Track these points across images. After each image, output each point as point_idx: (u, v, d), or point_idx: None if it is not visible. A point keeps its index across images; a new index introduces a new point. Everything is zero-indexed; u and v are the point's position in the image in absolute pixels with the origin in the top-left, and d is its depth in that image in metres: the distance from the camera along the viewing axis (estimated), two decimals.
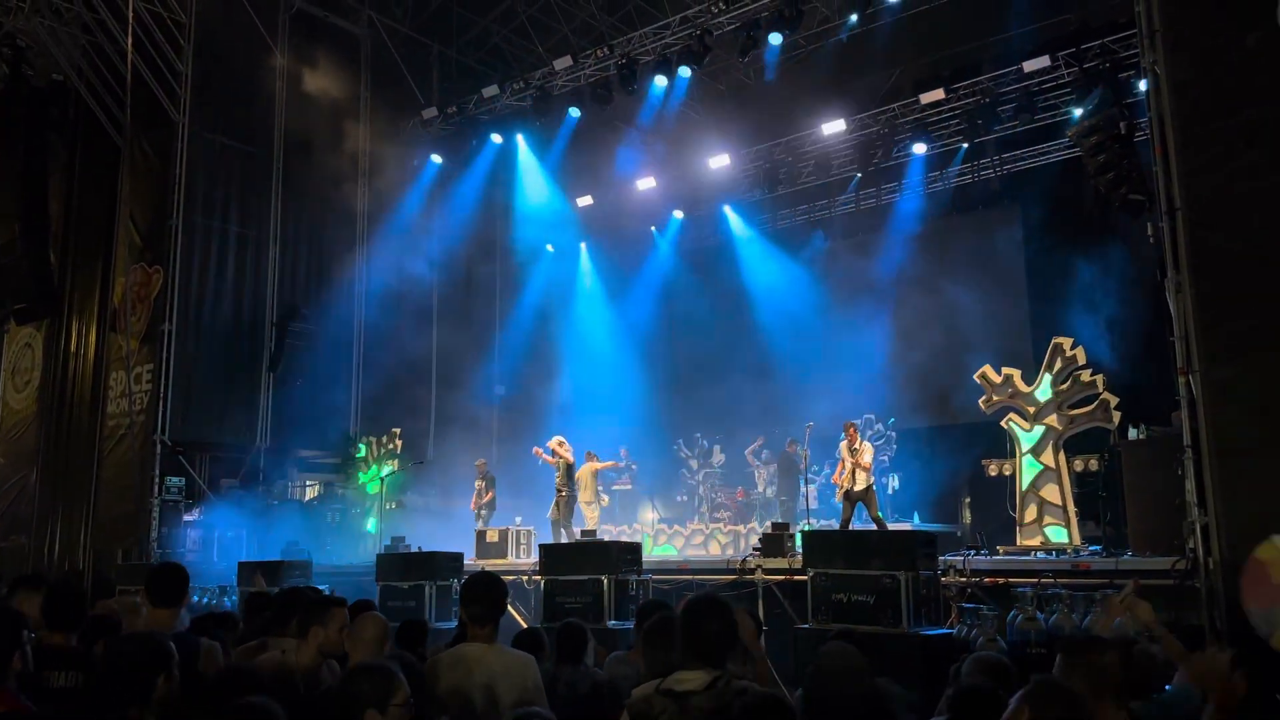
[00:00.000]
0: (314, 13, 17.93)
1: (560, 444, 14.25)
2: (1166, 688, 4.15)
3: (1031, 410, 11.13)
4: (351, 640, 4.18)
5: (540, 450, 14.48)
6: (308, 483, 18.05)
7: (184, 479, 15.33)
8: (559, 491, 14.10)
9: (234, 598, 11.99)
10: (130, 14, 15.35)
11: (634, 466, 17.42)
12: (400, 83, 18.83)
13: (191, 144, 16.03)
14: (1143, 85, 10.67)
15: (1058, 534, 10.79)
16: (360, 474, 17.09)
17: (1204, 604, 7.96)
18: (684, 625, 3.36)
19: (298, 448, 17.48)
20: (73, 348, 17.47)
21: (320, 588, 7.20)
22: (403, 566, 10.79)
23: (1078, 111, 13.32)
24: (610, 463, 16.02)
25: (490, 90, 17.46)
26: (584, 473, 15.12)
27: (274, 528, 14.72)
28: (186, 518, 15.33)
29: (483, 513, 15.42)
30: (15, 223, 17.18)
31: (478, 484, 15.68)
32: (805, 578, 8.75)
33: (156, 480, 15.01)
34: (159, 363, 15.40)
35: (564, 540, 13.31)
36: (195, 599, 12.75)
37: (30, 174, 17.45)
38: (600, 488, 15.75)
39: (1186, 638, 7.66)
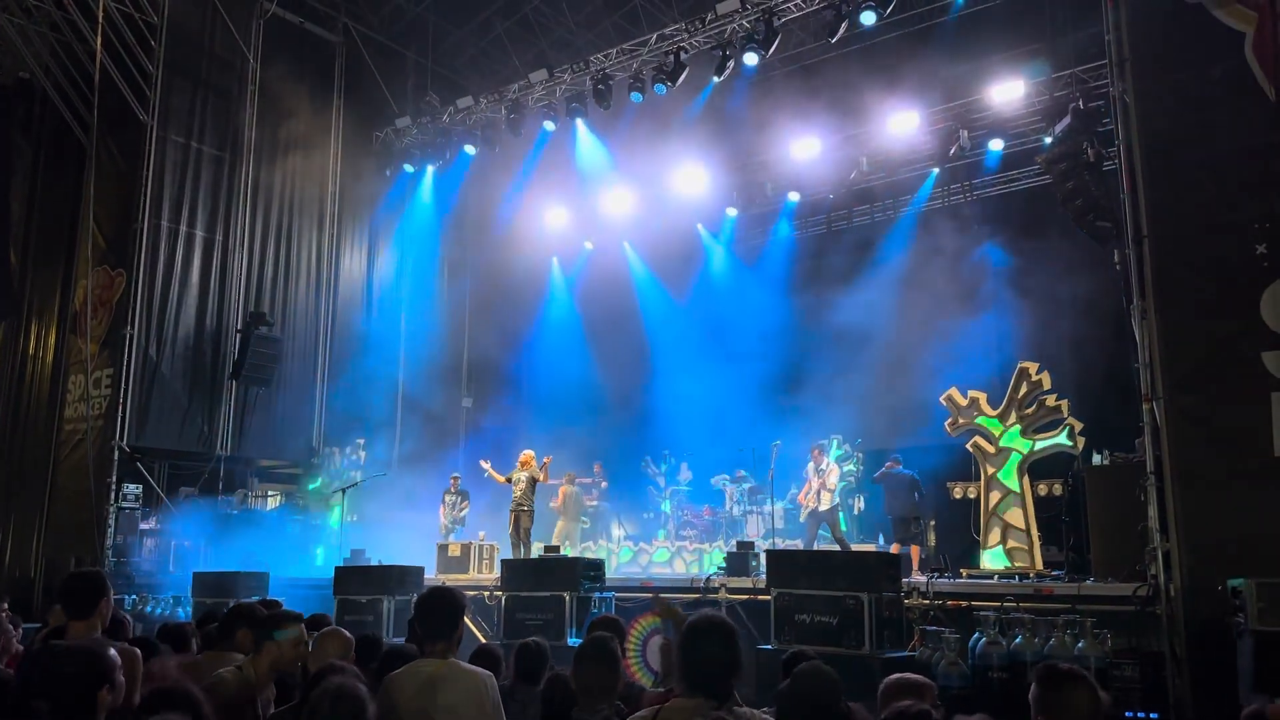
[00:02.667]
0: (288, 18, 17.79)
1: (528, 461, 14.10)
2: (1154, 716, 4.09)
3: (997, 434, 11.18)
4: (315, 657, 4.08)
5: (489, 465, 14.33)
6: (268, 493, 17.80)
7: (142, 486, 15.06)
8: (521, 506, 13.94)
9: (188, 608, 11.78)
10: (100, 13, 15.17)
11: (604, 483, 17.34)
12: (374, 91, 18.73)
13: (159, 147, 15.83)
14: (1112, 114, 10.83)
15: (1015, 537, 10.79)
16: (321, 484, 16.86)
17: (1164, 630, 7.98)
18: (683, 650, 3.22)
19: (259, 457, 17.23)
20: (31, 350, 17.13)
21: (276, 600, 7.06)
22: (361, 580, 10.61)
23: (1047, 139, 13.46)
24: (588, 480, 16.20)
25: (465, 101, 17.42)
26: (568, 494, 15.14)
27: (232, 538, 14.44)
28: (143, 526, 15.05)
29: (455, 528, 15.29)
30: None
31: (448, 498, 15.52)
32: (769, 597, 8.69)
33: (113, 487, 14.71)
34: (119, 367, 15.13)
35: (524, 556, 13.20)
36: (149, 609, 12.56)
37: None
38: (581, 509, 15.82)
39: (1147, 664, 7.72)
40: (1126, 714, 7.50)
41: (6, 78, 17.45)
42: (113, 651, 3.16)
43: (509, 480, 14.04)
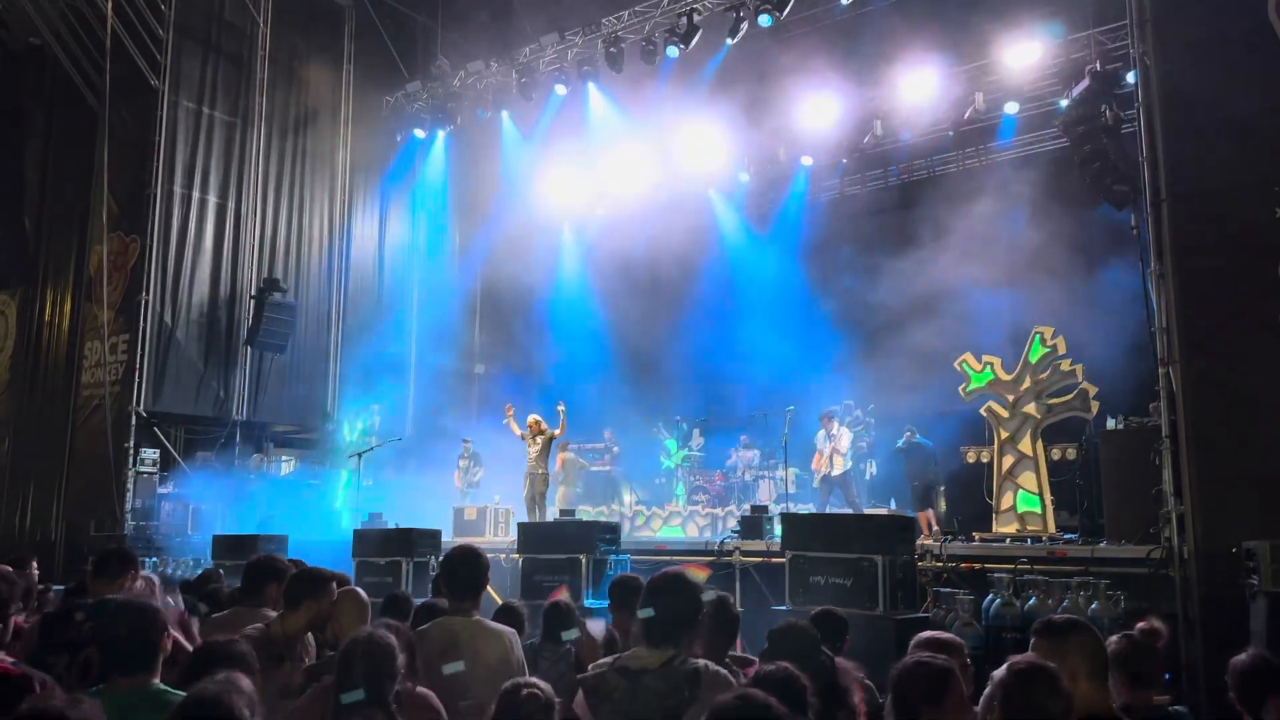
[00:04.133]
0: None
1: (537, 423, 14.23)
2: (1167, 676, 4.16)
3: (1011, 398, 11.19)
4: (333, 617, 4.16)
5: (511, 415, 14.44)
6: (283, 457, 17.94)
7: (158, 451, 15.21)
8: (535, 471, 14.08)
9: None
10: None
11: (615, 449, 17.43)
12: (384, 56, 18.64)
13: (171, 112, 15.84)
14: (1130, 77, 10.73)
15: (1029, 501, 10.82)
16: (337, 449, 16.99)
17: (1178, 593, 8.04)
18: (642, 603, 3.34)
19: (274, 422, 17.37)
20: (47, 316, 17.25)
21: (300, 559, 7.15)
22: (379, 543, 10.72)
23: (1064, 101, 13.34)
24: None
25: (476, 65, 17.32)
26: (567, 461, 15.32)
27: (249, 502, 14.61)
28: (160, 490, 15.21)
29: (469, 491, 15.45)
30: None
31: (462, 462, 15.71)
32: (783, 560, 8.75)
33: (131, 452, 14.87)
34: (135, 333, 15.24)
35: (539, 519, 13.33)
36: (169, 571, 12.72)
37: (5, 140, 17.20)
38: (579, 476, 16.03)
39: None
40: (1167, 676, 7.56)
41: (18, 44, 17.42)
42: (160, 605, 3.27)
43: (522, 436, 14.21)
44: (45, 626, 4.65)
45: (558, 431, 14.05)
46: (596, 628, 4.37)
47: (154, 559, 13.37)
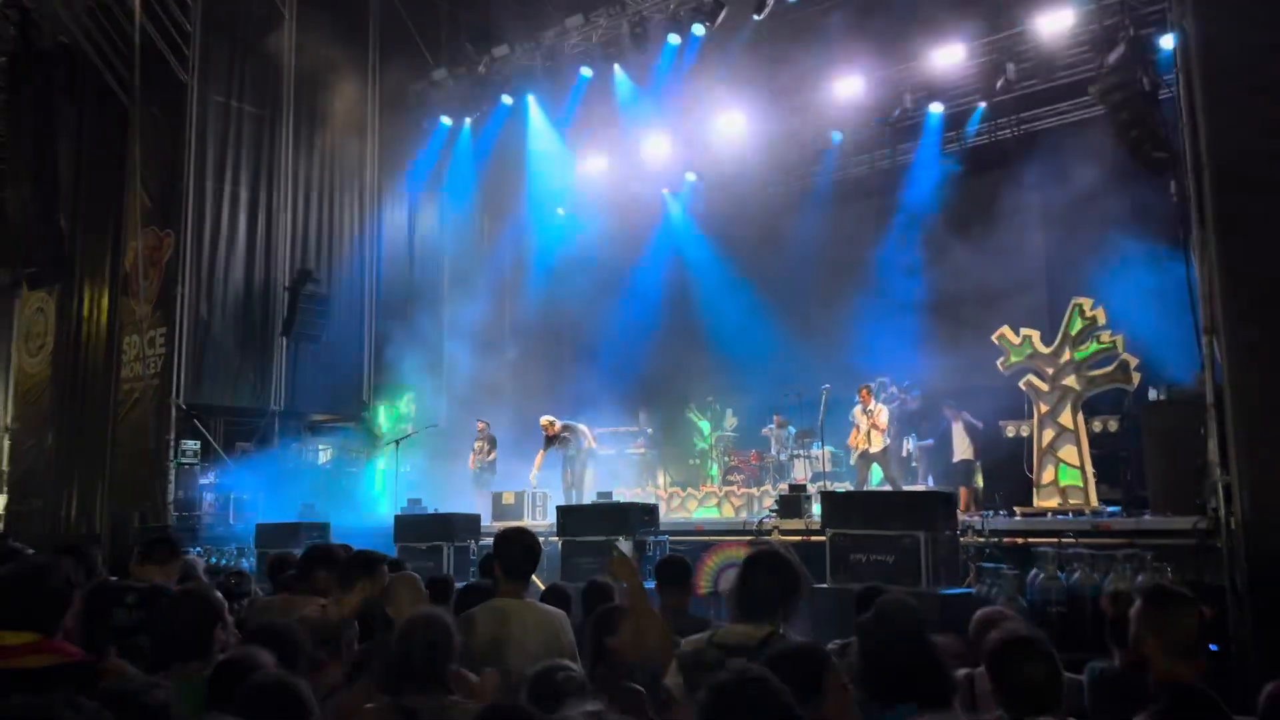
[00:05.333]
0: None
1: (551, 423, 14.39)
2: (1213, 647, 4.12)
3: (1050, 371, 11.07)
4: (388, 599, 4.20)
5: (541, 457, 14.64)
6: (320, 446, 18.11)
7: (199, 442, 15.40)
8: (573, 455, 14.22)
9: (251, 559, 12.09)
10: None
11: (649, 431, 17.47)
12: (409, 43, 18.63)
13: (201, 106, 15.94)
14: (1166, 42, 10.54)
15: (1069, 474, 10.73)
16: (374, 437, 17.14)
17: (1225, 564, 7.94)
18: (738, 578, 3.41)
19: (311, 411, 17.54)
20: (85, 312, 17.48)
21: (348, 544, 7.23)
22: (421, 528, 10.82)
23: (1099, 69, 13.12)
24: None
25: (500, 50, 17.27)
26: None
27: (289, 490, 14.78)
28: (202, 481, 15.42)
29: (483, 475, 15.44)
30: (25, 187, 17.14)
31: (477, 444, 15.72)
32: (822, 539, 8.74)
33: (172, 443, 15.07)
34: (172, 327, 15.42)
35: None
36: (213, 560, 12.91)
37: (39, 138, 17.38)
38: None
39: (1208, 598, 7.70)
40: (1212, 647, 7.50)
41: (46, 42, 17.57)
42: (219, 594, 3.31)
43: (551, 446, 14.39)
44: (88, 612, 4.71)
45: (585, 429, 14.27)
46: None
47: (198, 549, 13.55)
